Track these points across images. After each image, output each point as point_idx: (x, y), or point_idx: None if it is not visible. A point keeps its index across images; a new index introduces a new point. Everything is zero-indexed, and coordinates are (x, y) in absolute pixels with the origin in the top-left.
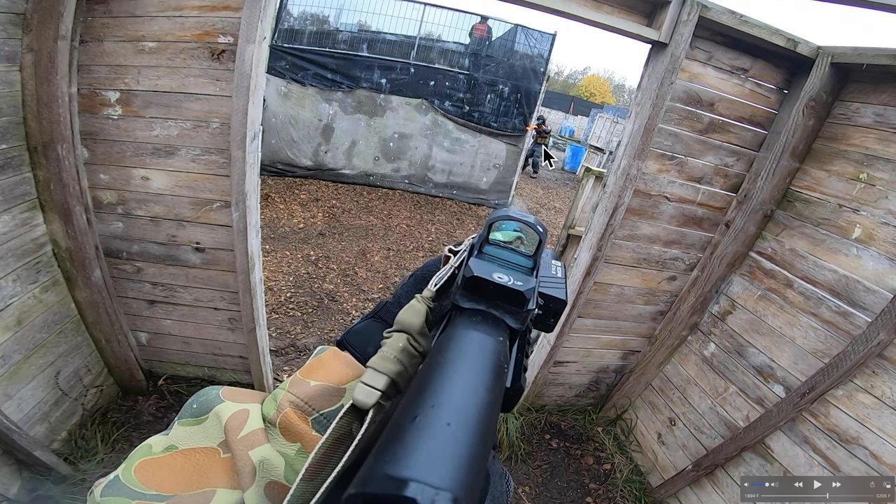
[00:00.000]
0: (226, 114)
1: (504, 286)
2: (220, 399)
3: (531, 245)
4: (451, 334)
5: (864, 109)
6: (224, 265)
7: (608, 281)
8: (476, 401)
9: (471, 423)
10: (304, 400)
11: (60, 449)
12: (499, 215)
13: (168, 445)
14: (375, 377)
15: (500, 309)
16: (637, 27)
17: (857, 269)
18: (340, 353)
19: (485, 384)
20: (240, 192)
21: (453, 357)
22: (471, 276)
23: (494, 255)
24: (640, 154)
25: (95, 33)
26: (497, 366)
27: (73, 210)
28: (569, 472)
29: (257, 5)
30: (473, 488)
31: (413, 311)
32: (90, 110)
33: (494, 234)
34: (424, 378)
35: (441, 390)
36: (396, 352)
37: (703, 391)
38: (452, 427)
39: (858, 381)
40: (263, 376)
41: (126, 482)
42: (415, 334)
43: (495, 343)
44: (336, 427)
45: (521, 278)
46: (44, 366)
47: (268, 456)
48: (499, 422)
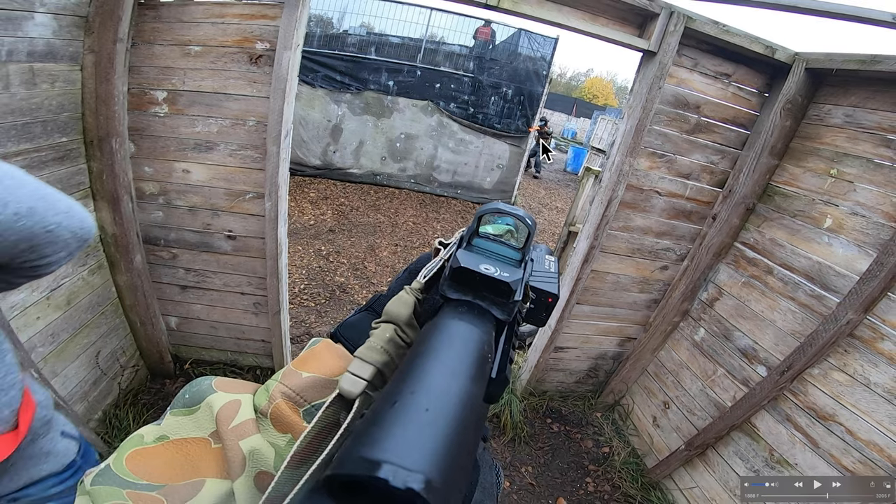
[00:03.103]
0: (261, 113)
1: (490, 277)
2: (212, 389)
3: (521, 238)
4: (436, 324)
5: (835, 111)
6: (253, 251)
7: (605, 269)
8: (456, 388)
9: (450, 410)
10: (296, 391)
11: (96, 428)
12: (488, 208)
13: (160, 435)
14: (362, 367)
15: (487, 300)
16: (629, 37)
17: (829, 256)
18: (333, 345)
19: (467, 373)
20: (273, 184)
21: (436, 346)
22: (457, 267)
23: (483, 248)
24: (631, 152)
25: (146, 37)
26: (480, 355)
27: (122, 199)
28: (569, 454)
29: (293, 15)
30: (450, 473)
31: (401, 303)
32: (139, 108)
33: (485, 228)
34: (407, 366)
35: (421, 377)
36: (383, 342)
37: (694, 374)
38: (430, 412)
39: (832, 359)
40: (284, 360)
41: (117, 471)
42: (402, 325)
43: (480, 333)
44: (322, 416)
45: (508, 270)
46: (87, 345)
47: (258, 446)
48: (500, 406)
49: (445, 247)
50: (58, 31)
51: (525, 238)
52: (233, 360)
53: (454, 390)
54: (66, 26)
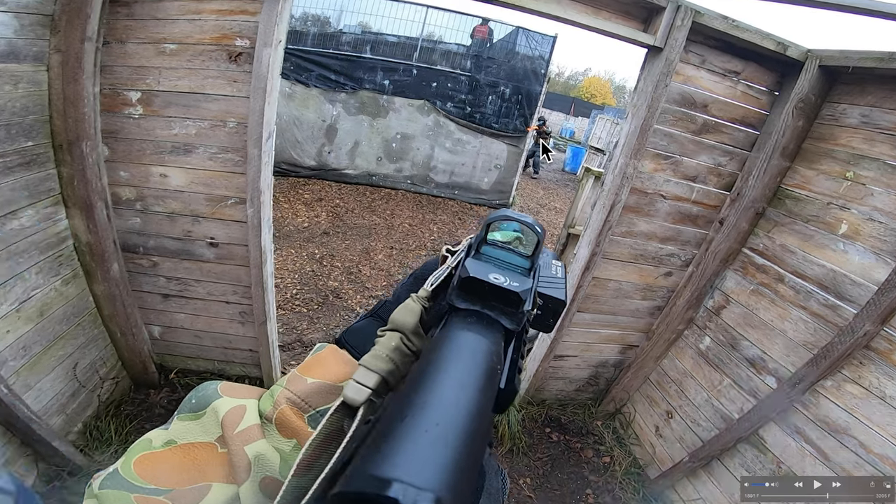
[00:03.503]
0: (242, 114)
1: (500, 287)
2: (218, 394)
3: (530, 246)
4: (445, 334)
5: (850, 110)
6: (237, 259)
7: (606, 276)
8: (466, 402)
9: (460, 424)
10: (301, 397)
11: (76, 440)
12: (497, 216)
13: (167, 440)
14: (366, 375)
15: (496, 310)
16: (633, 32)
17: (844, 264)
18: (339, 351)
19: (476, 385)
20: (255, 189)
21: (445, 357)
22: (466, 276)
23: (492, 256)
24: (636, 153)
25: (118, 35)
26: (490, 367)
27: (95, 206)
28: (569, 465)
29: (274, 9)
30: (460, 489)
31: (407, 311)
32: (112, 109)
33: (493, 235)
34: (416, 378)
35: (431, 390)
36: (388, 350)
37: (698, 384)
38: (441, 427)
39: (846, 371)
40: (273, 369)
41: (125, 475)
42: (408, 333)
43: (489, 344)
44: (326, 423)
45: (518, 279)
46: (62, 357)
47: (263, 451)
48: (497, 418)
49: (453, 254)
50: (20, 31)
51: (534, 246)
52: (220, 369)
53: (464, 403)
54: (28, 25)
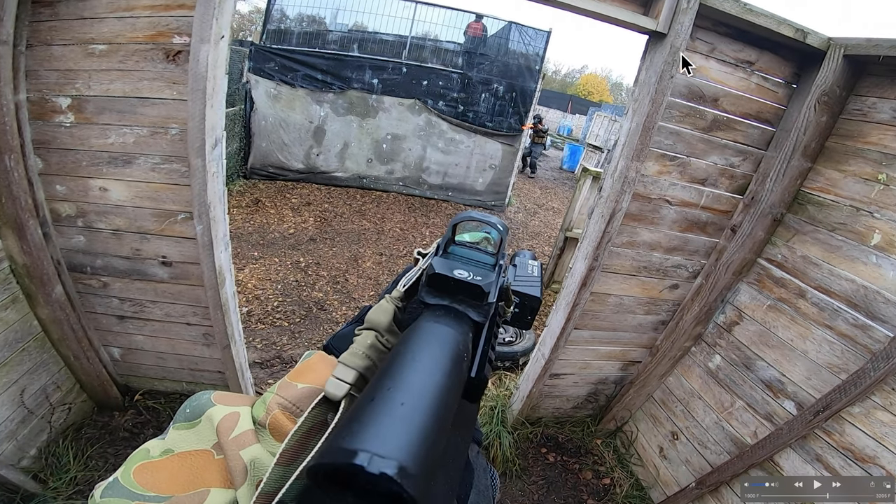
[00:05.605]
0: (185, 119)
1: (464, 281)
2: (211, 403)
3: (496, 244)
4: (415, 326)
5: (881, 104)
6: (193, 279)
7: (606, 291)
8: (432, 384)
9: (424, 403)
10: (292, 402)
11: (30, 466)
12: (462, 217)
13: (165, 449)
14: (345, 371)
15: (463, 303)
16: (632, 16)
17: (877, 279)
18: (327, 356)
19: (442, 369)
20: (202, 204)
21: (413, 346)
22: (433, 273)
23: (458, 255)
24: (638, 155)
25: (42, 37)
26: (456, 354)
27: (27, 224)
28: (566, 488)
29: (211, 2)
30: (424, 460)
31: (381, 311)
32: (42, 118)
33: (461, 235)
34: (386, 366)
35: (398, 375)
36: (365, 348)
37: (707, 405)
38: (406, 407)
39: (877, 398)
40: (243, 391)
41: (125, 484)
42: (382, 331)
43: (455, 334)
44: (309, 417)
45: (482, 273)
46: (7, 384)
47: (258, 455)
48: (489, 439)
49: (424, 256)
50: None
51: (499, 244)
52: (189, 390)
53: (429, 386)
54: None
